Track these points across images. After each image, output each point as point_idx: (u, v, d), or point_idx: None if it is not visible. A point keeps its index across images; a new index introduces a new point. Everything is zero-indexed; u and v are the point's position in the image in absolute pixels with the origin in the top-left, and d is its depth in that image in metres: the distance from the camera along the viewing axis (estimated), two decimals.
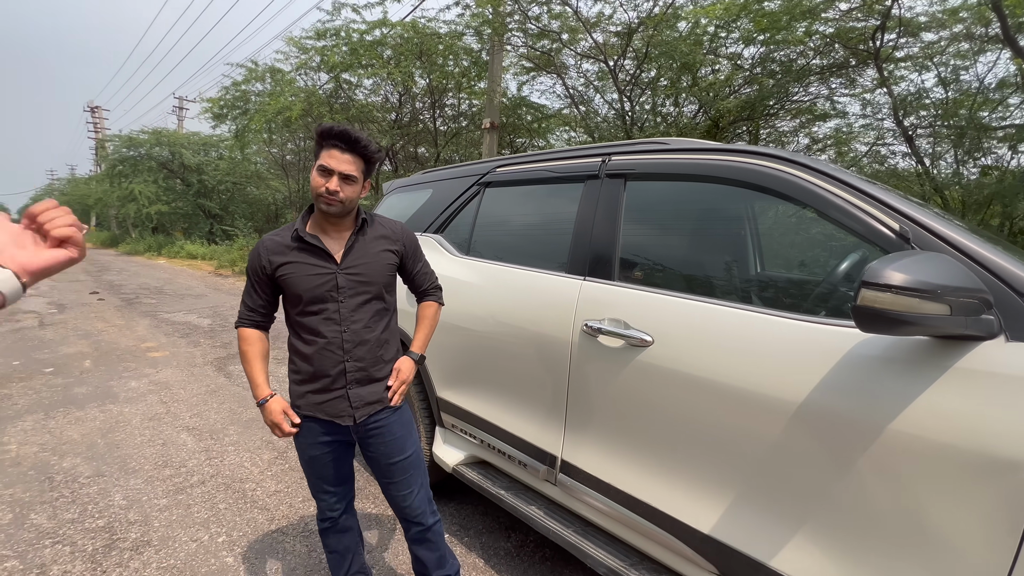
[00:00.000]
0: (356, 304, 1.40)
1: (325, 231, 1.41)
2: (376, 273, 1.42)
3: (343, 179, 1.32)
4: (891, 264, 0.88)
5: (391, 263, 1.46)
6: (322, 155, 1.32)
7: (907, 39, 6.62)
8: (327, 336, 1.38)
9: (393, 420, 1.49)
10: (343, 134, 1.31)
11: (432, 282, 1.61)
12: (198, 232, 19.91)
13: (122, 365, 4.51)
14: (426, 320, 1.59)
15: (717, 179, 1.44)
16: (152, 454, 2.82)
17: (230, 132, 12.17)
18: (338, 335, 1.38)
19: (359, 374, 1.42)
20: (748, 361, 1.24)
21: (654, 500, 1.43)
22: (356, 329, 1.40)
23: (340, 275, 1.38)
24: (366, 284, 1.40)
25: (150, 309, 7.39)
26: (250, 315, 1.44)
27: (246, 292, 1.44)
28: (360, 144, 1.32)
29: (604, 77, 8.80)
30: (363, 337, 1.41)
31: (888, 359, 1.04)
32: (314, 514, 2.29)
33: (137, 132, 18.39)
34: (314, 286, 1.36)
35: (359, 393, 1.43)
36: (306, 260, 1.37)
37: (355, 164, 1.33)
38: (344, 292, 1.38)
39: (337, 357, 1.39)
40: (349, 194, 1.34)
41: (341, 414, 1.42)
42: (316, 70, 10.22)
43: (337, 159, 1.31)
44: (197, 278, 11.69)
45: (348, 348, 1.40)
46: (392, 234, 1.49)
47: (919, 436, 0.97)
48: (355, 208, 1.42)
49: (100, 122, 32.71)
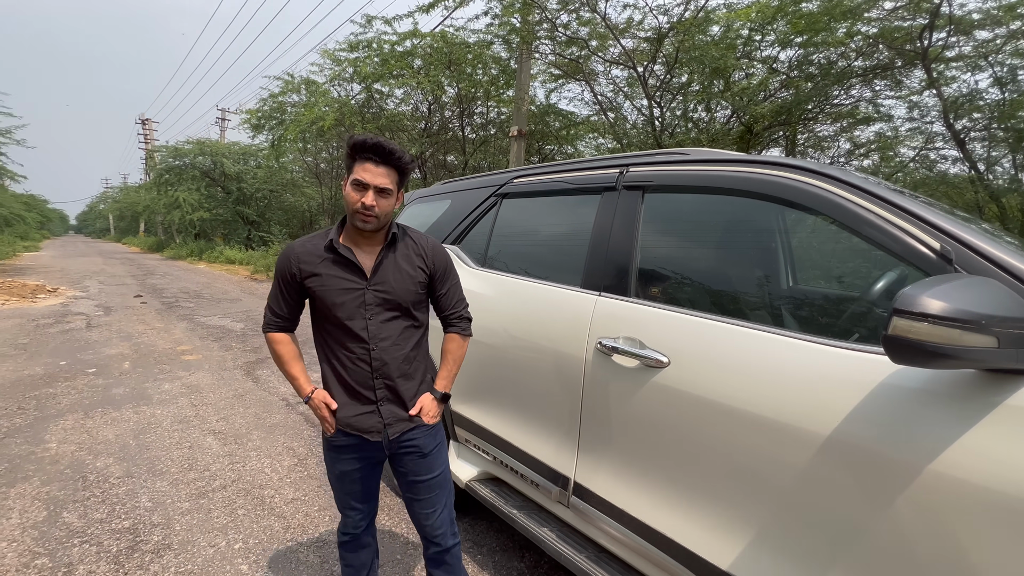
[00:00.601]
0: (384, 321, 1.37)
1: (358, 244, 1.39)
2: (404, 291, 1.38)
3: (379, 192, 1.30)
4: (928, 290, 0.79)
5: (420, 280, 1.41)
6: (356, 169, 1.30)
7: (958, 38, 6.25)
8: (356, 352, 1.37)
9: (426, 439, 1.46)
10: (377, 147, 1.28)
11: (457, 309, 1.49)
12: (236, 238, 20.73)
13: (158, 367, 4.69)
14: (448, 356, 1.50)
15: (740, 192, 1.37)
16: (179, 457, 2.90)
17: (267, 141, 12.62)
18: (366, 352, 1.36)
19: (389, 391, 1.41)
20: (770, 387, 1.15)
21: (670, 530, 1.35)
22: (385, 346, 1.38)
23: (369, 291, 1.35)
24: (393, 301, 1.37)
25: (188, 312, 7.69)
26: (277, 320, 1.44)
27: (272, 296, 1.43)
28: (395, 156, 1.30)
29: (633, 83, 8.68)
30: (392, 354, 1.39)
31: (928, 392, 0.94)
32: (329, 525, 2.29)
33: (182, 142, 19.38)
34: (343, 301, 1.34)
35: (391, 409, 1.42)
36: (337, 273, 1.35)
37: (390, 177, 1.31)
38: (371, 309, 1.36)
39: (366, 373, 1.38)
40: (385, 207, 1.32)
41: (371, 430, 1.41)
42: (349, 81, 10.49)
43: (372, 172, 1.28)
44: (233, 283, 12.13)
45: (376, 365, 1.38)
46: (423, 251, 1.43)
47: (965, 480, 0.87)
48: (389, 220, 1.39)
49: (150, 133, 34.57)
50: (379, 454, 1.45)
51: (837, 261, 1.63)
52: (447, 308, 1.49)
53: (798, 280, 1.91)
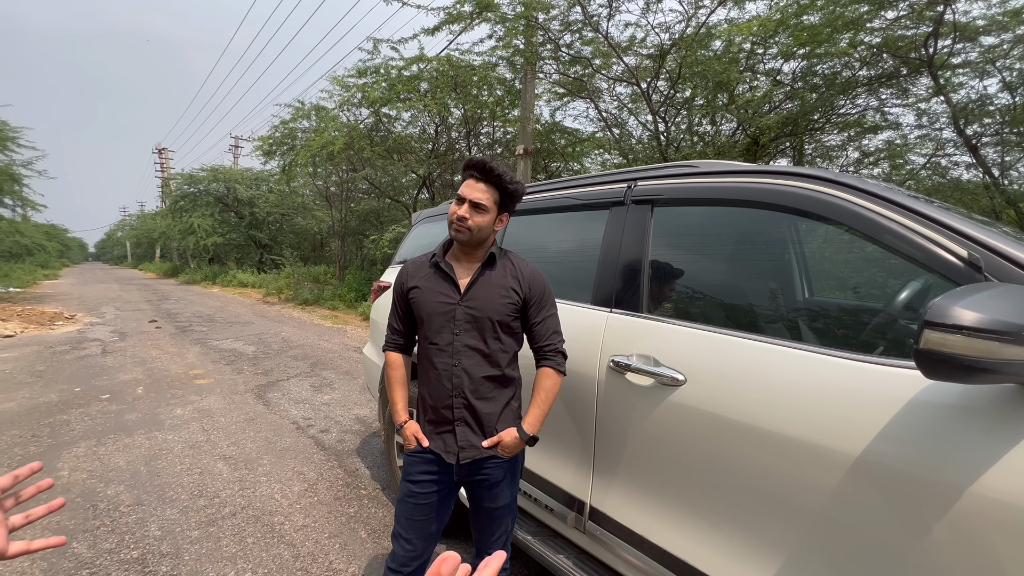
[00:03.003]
0: (470, 338, 1.38)
1: (459, 260, 1.45)
2: (492, 311, 1.38)
3: (473, 207, 1.36)
4: (961, 300, 0.75)
5: (512, 302, 1.40)
6: (462, 185, 1.39)
7: (964, 44, 6.22)
8: (439, 368, 1.39)
9: (496, 470, 1.42)
10: (479, 164, 1.36)
11: (552, 342, 1.44)
12: (249, 261, 21.03)
13: (170, 392, 4.70)
14: (540, 392, 1.41)
15: (753, 203, 1.33)
16: (189, 483, 2.88)
17: (278, 167, 12.88)
18: (448, 368, 1.38)
19: (467, 412, 1.40)
20: (793, 405, 1.10)
21: (690, 557, 1.28)
22: (468, 365, 1.38)
23: (460, 308, 1.38)
24: (482, 319, 1.37)
25: (201, 336, 7.75)
26: (394, 338, 1.53)
27: (390, 314, 1.54)
28: (494, 174, 1.35)
29: (638, 99, 8.74)
30: (473, 374, 1.38)
31: (964, 408, 0.89)
32: (339, 553, 2.24)
33: (197, 170, 19.87)
34: (435, 312, 1.39)
35: (465, 433, 1.40)
36: (435, 286, 1.41)
37: (488, 194, 1.36)
38: (460, 325, 1.38)
39: (446, 391, 1.38)
40: (478, 222, 1.36)
41: (448, 450, 1.40)
42: (357, 106, 10.69)
43: (470, 187, 1.36)
44: (246, 306, 12.24)
45: (457, 383, 1.38)
46: (520, 274, 1.44)
47: (1007, 502, 0.81)
48: (487, 240, 1.43)
49: (166, 162, 35.52)
50: (451, 478, 1.42)
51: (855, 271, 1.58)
52: (541, 339, 1.44)
53: (815, 292, 1.86)
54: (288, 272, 15.27)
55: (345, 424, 3.90)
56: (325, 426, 3.84)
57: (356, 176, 12.31)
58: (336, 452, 3.35)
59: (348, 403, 4.43)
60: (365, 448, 3.44)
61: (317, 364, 5.92)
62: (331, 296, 11.73)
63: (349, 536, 2.38)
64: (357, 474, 3.04)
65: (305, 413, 4.14)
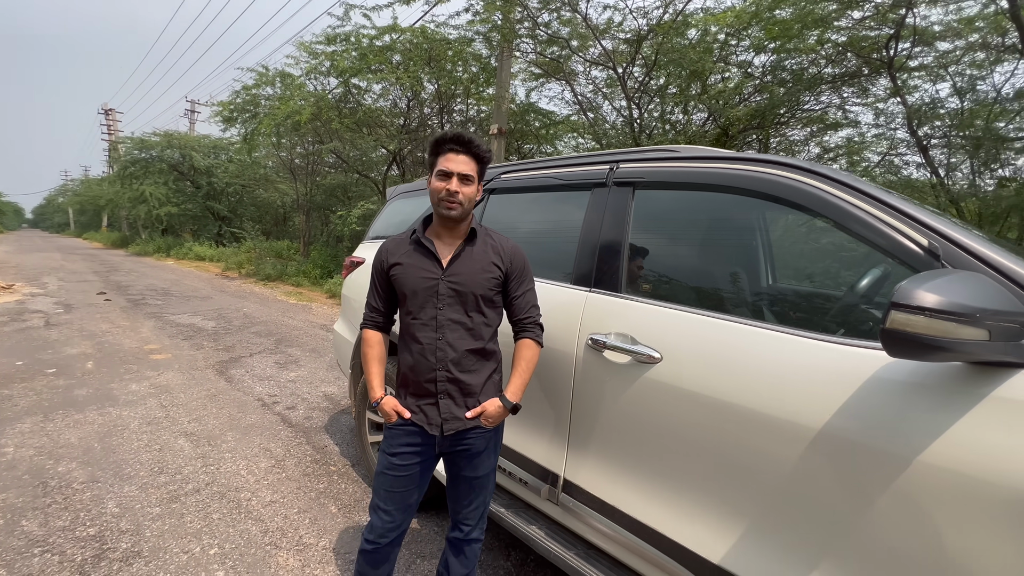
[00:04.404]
0: (453, 313, 1.40)
1: (440, 236, 1.45)
2: (476, 285, 1.40)
3: (462, 180, 1.37)
4: (924, 284, 0.81)
5: (494, 278, 1.43)
6: (439, 161, 1.38)
7: (921, 48, 6.51)
8: (423, 342, 1.40)
9: (478, 440, 1.45)
10: (458, 137, 1.37)
11: (531, 315, 1.49)
12: (206, 234, 20.07)
13: (124, 367, 4.49)
14: (521, 362, 1.46)
15: (731, 189, 1.38)
16: (148, 460, 2.78)
17: (239, 135, 12.26)
18: (432, 342, 1.39)
19: (450, 386, 1.41)
20: (763, 382, 1.16)
21: (661, 525, 1.35)
22: (451, 339, 1.39)
23: (442, 282, 1.39)
24: (465, 294, 1.40)
25: (155, 311, 7.40)
26: (372, 315, 1.53)
27: (368, 292, 1.53)
28: (474, 144, 1.38)
29: (613, 84, 8.76)
30: (457, 348, 1.40)
31: (916, 385, 0.96)
32: (309, 527, 2.23)
33: (149, 134, 18.61)
34: (418, 288, 1.40)
35: (449, 405, 1.42)
36: (417, 262, 1.42)
37: (471, 164, 1.38)
38: (443, 299, 1.39)
39: (430, 364, 1.40)
40: (468, 194, 1.38)
41: (431, 422, 1.42)
42: (326, 75, 10.26)
43: (455, 161, 1.36)
44: (204, 280, 11.74)
45: (440, 357, 1.39)
46: (501, 249, 1.47)
47: (952, 470, 0.89)
48: (470, 214, 1.45)
49: (113, 124, 33.18)
50: (432, 449, 1.44)
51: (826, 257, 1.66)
52: (521, 312, 1.49)
53: (787, 276, 1.95)
54: (249, 246, 14.68)
55: (313, 401, 3.84)
56: (291, 403, 3.77)
57: (323, 149, 11.85)
58: (304, 429, 3.31)
59: (315, 380, 4.35)
60: (334, 425, 3.41)
61: (282, 341, 5.77)
62: (295, 272, 11.39)
63: (319, 511, 2.37)
64: (326, 451, 3.01)
65: (270, 390, 4.05)
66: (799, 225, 1.53)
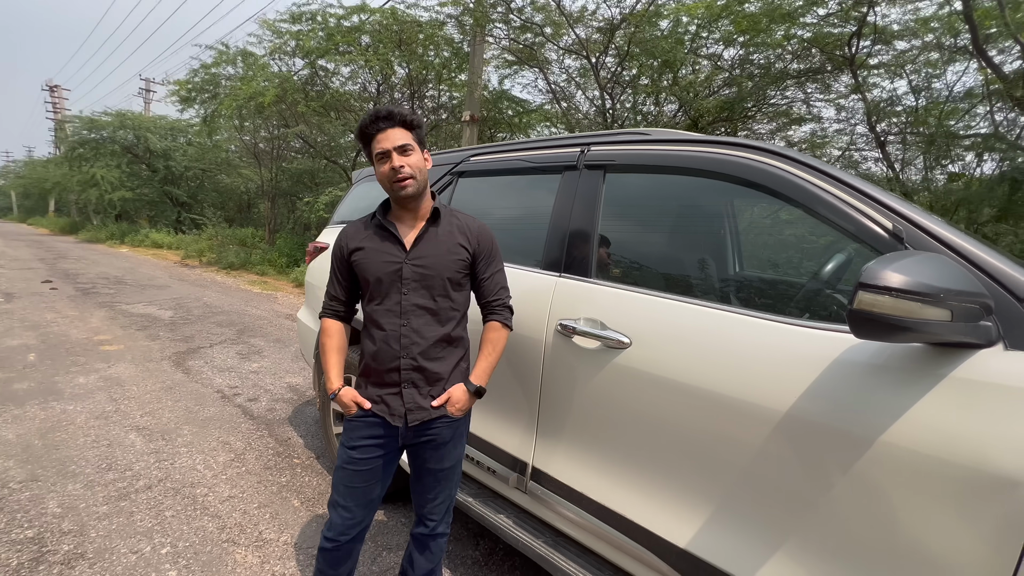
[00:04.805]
0: (419, 298, 1.33)
1: (402, 219, 1.39)
2: (442, 267, 1.34)
3: (401, 152, 1.30)
4: (890, 265, 0.81)
5: (461, 259, 1.37)
6: (372, 146, 1.33)
7: (881, 47, 6.73)
8: (386, 329, 1.34)
9: (443, 430, 1.39)
10: (377, 115, 1.31)
11: (500, 297, 1.43)
12: (164, 220, 19.15)
13: (71, 359, 4.23)
14: (488, 345, 1.41)
15: (701, 172, 1.36)
16: (95, 456, 2.62)
17: (198, 117, 11.68)
18: (396, 329, 1.33)
19: (415, 374, 1.34)
20: (730, 366, 1.16)
21: (628, 511, 1.34)
22: (417, 326, 1.33)
23: (406, 265, 1.33)
24: (431, 277, 1.33)
25: (107, 300, 7.01)
26: (331, 304, 1.46)
27: (328, 280, 1.46)
28: (396, 114, 1.32)
29: (586, 74, 8.73)
30: (423, 334, 1.33)
31: (879, 367, 0.97)
32: (269, 522, 2.15)
33: (99, 114, 17.49)
34: (381, 273, 1.33)
35: (413, 395, 1.35)
36: (378, 246, 1.36)
37: (403, 134, 1.32)
38: (408, 284, 1.33)
39: (393, 352, 1.33)
40: (414, 163, 1.31)
41: (394, 412, 1.35)
42: (291, 55, 9.86)
43: (386, 138, 1.31)
44: (162, 268, 11.21)
45: (405, 344, 1.33)
46: (468, 230, 1.40)
47: (912, 450, 0.90)
48: (427, 191, 1.39)
49: (60, 102, 31.18)
50: (395, 442, 1.37)
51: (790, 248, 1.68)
52: (489, 294, 1.43)
53: (755, 261, 1.97)
54: (211, 233, 14.09)
55: (276, 392, 3.71)
56: (254, 395, 3.63)
57: (289, 133, 11.45)
58: (266, 421, 3.19)
59: (279, 371, 4.21)
60: (298, 417, 3.30)
61: (244, 331, 5.56)
62: (260, 260, 10.99)
63: (281, 505, 2.28)
64: (289, 443, 2.91)
65: (231, 381, 3.89)
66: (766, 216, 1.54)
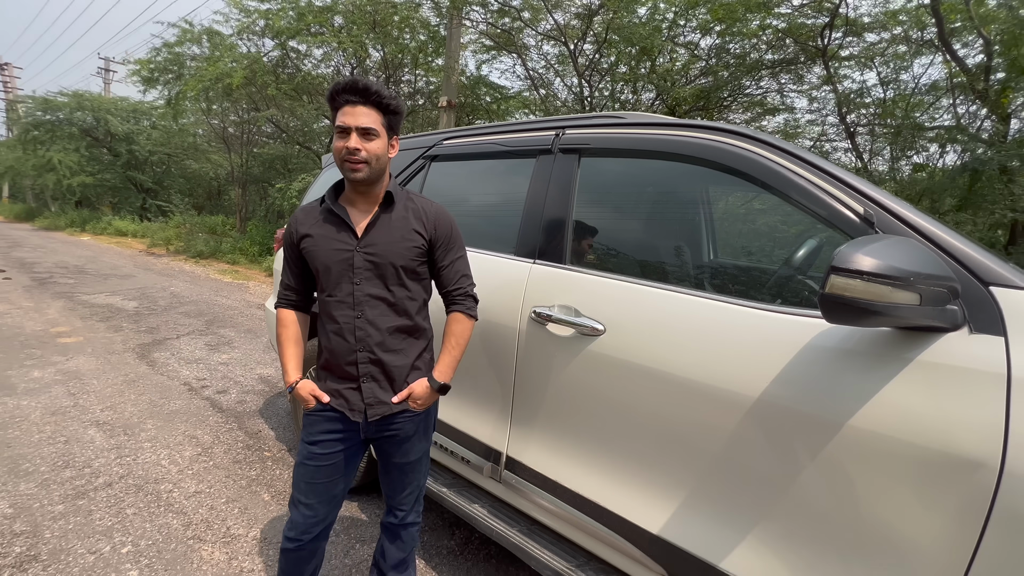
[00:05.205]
0: (373, 287, 1.25)
1: (354, 203, 1.29)
2: (396, 255, 1.25)
3: (362, 134, 1.19)
4: (861, 248, 0.80)
5: (416, 246, 1.27)
6: (337, 117, 1.21)
7: (852, 38, 6.85)
8: (340, 321, 1.26)
9: (407, 424, 1.33)
10: (351, 85, 1.19)
11: (461, 286, 1.34)
12: (128, 207, 18.37)
13: (25, 352, 4.03)
14: (451, 338, 1.33)
15: (677, 156, 1.35)
16: (51, 453, 2.50)
17: (162, 98, 11.18)
18: (351, 321, 1.26)
19: (373, 367, 1.27)
20: (703, 352, 1.15)
21: (602, 499, 1.34)
22: (372, 317, 1.25)
23: (357, 254, 1.24)
24: (384, 266, 1.25)
25: (66, 290, 6.69)
26: (286, 294, 1.38)
27: (282, 269, 1.39)
28: (371, 91, 1.19)
29: (564, 61, 8.66)
30: (379, 326, 1.26)
31: (848, 351, 0.97)
32: (238, 517, 2.09)
33: (55, 94, 16.58)
34: (331, 262, 1.25)
35: (373, 389, 1.28)
36: (328, 233, 1.26)
37: (373, 116, 1.20)
38: (360, 273, 1.25)
39: (349, 346, 1.26)
40: (373, 150, 1.20)
41: (353, 408, 1.28)
42: (260, 35, 9.48)
43: (352, 114, 1.19)
44: (126, 257, 10.76)
45: (360, 336, 1.25)
46: (424, 214, 1.30)
47: (880, 433, 0.91)
48: (384, 175, 1.28)
49: (11, 81, 29.44)
50: (357, 436, 1.31)
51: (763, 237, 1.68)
52: (450, 283, 1.34)
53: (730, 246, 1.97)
54: (178, 221, 13.58)
55: (247, 384, 3.60)
56: (223, 387, 3.52)
57: (259, 117, 11.03)
58: (236, 414, 3.10)
59: (250, 363, 4.09)
60: (270, 408, 3.21)
61: (213, 321, 5.39)
62: (231, 249, 10.66)
63: (250, 499, 2.22)
64: (260, 436, 2.83)
65: (199, 373, 3.76)
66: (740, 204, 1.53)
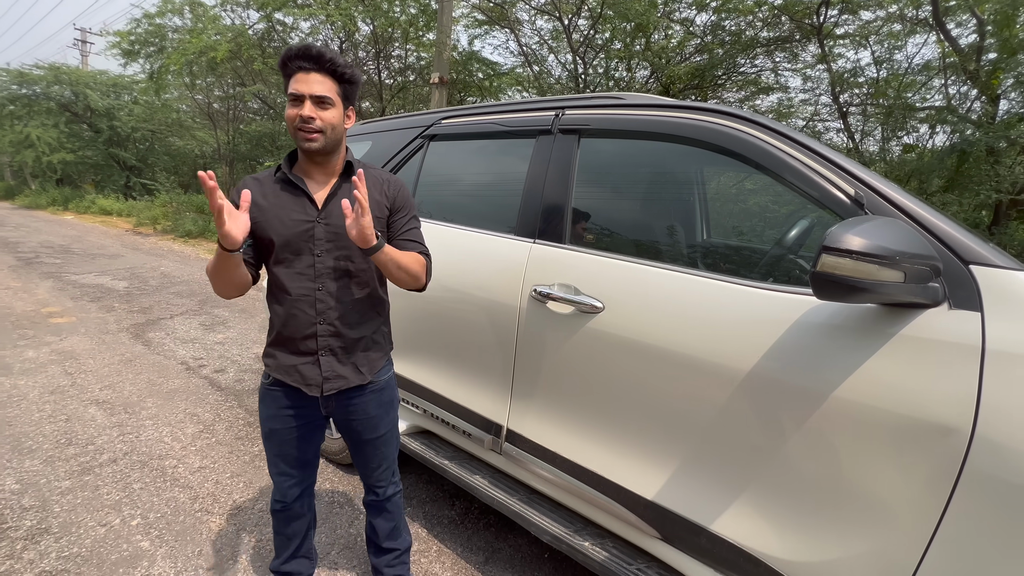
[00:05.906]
0: (335, 259, 1.24)
1: (310, 175, 1.25)
2: None
3: (316, 103, 1.16)
4: (851, 229, 0.85)
5: (379, 216, 1.26)
6: (290, 84, 1.17)
7: (848, 16, 6.80)
8: (297, 293, 1.23)
9: (369, 400, 1.35)
10: (304, 51, 1.15)
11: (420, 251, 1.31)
12: (112, 185, 17.97)
13: (17, 332, 4.01)
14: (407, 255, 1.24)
15: (675, 138, 1.37)
16: (53, 431, 2.53)
17: (144, 72, 10.85)
18: (311, 292, 1.23)
19: (333, 340, 1.27)
20: (698, 328, 1.20)
21: (599, 468, 1.40)
22: (333, 288, 1.24)
23: (319, 225, 1.22)
24: (346, 238, 1.22)
25: (54, 270, 6.61)
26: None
27: None
28: (325, 58, 1.15)
29: (558, 36, 8.51)
30: (341, 299, 1.25)
31: (836, 327, 1.03)
32: (244, 492, 2.14)
33: (30, 67, 16.01)
34: (289, 234, 1.21)
35: (331, 363, 1.28)
36: (284, 203, 1.22)
37: (327, 84, 1.17)
38: (321, 244, 1.22)
39: (309, 318, 1.24)
40: (328, 119, 1.17)
41: (309, 383, 1.28)
42: (245, 7, 9.20)
43: (305, 81, 1.15)
44: (112, 236, 10.59)
45: (322, 309, 1.24)
46: (385, 183, 1.30)
47: (862, 403, 0.97)
48: (340, 145, 1.25)
49: None
50: (316, 411, 1.33)
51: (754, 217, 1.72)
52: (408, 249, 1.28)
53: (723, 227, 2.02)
54: (164, 199, 13.34)
55: (244, 363, 3.63)
56: (220, 366, 3.55)
57: (245, 92, 10.77)
58: (235, 392, 3.13)
59: (246, 341, 4.11)
60: None
61: (207, 301, 5.37)
62: None
63: (254, 474, 2.28)
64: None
65: (195, 353, 3.78)
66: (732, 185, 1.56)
